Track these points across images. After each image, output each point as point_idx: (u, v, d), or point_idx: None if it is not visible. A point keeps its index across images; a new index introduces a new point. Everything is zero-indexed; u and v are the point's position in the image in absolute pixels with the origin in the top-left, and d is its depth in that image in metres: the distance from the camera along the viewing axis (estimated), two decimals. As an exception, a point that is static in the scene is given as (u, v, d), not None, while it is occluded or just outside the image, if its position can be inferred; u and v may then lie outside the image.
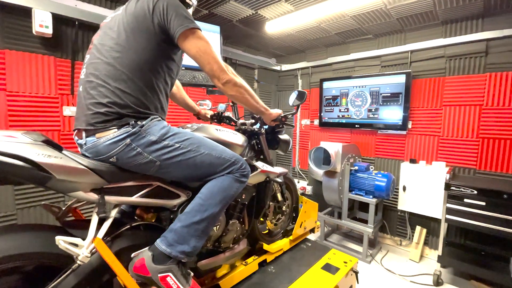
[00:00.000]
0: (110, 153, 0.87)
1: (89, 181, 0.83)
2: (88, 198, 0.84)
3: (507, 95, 2.29)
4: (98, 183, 0.86)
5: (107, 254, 0.81)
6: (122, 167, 0.91)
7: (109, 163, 0.89)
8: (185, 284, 0.92)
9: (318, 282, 1.55)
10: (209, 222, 1.01)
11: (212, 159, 1.03)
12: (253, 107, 1.18)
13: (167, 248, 0.92)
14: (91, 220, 0.86)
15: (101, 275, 0.87)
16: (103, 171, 0.87)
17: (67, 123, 2.10)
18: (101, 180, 0.86)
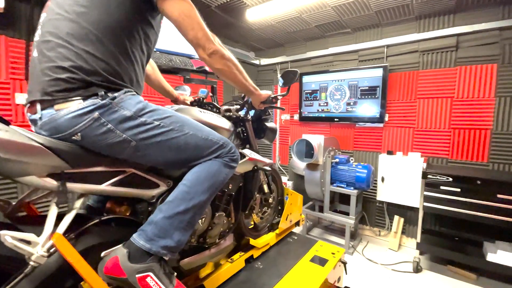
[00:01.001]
0: (73, 129, 0.71)
1: (46, 162, 0.66)
2: (44, 185, 0.68)
3: (476, 87, 2.43)
4: (58, 167, 0.69)
5: (70, 253, 0.65)
6: (89, 147, 0.76)
7: (72, 143, 0.73)
8: (168, 284, 0.79)
9: (308, 275, 1.48)
10: (196, 212, 0.88)
11: (198, 141, 0.91)
12: (241, 85, 1.07)
13: (147, 243, 0.78)
14: (49, 212, 0.69)
15: (63, 280, 0.71)
16: (65, 151, 0.70)
17: (21, 112, 1.82)
18: (61, 163, 0.70)
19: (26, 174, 0.64)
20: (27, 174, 0.64)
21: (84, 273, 0.66)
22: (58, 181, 0.70)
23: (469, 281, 2.23)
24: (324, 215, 2.87)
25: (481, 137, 2.43)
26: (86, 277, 0.66)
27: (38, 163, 0.65)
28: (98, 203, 1.06)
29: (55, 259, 0.69)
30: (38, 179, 0.66)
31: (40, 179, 0.67)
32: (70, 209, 0.74)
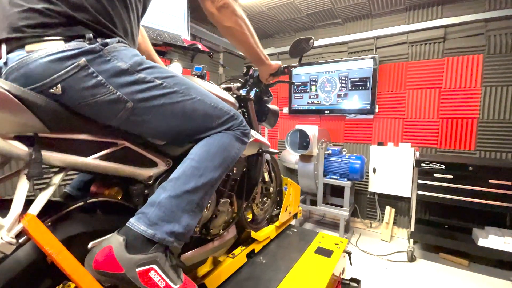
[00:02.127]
0: (50, 78, 0.54)
1: (12, 118, 0.49)
2: (9, 150, 0.50)
3: (463, 78, 2.49)
4: (30, 126, 0.52)
5: (47, 240, 0.48)
6: (71, 106, 0.58)
7: (50, 97, 0.55)
8: (176, 279, 0.64)
9: (316, 267, 1.38)
10: (206, 192, 0.73)
11: (206, 108, 0.76)
12: (251, 50, 0.94)
13: (149, 229, 0.62)
14: (17, 187, 0.51)
15: (38, 278, 0.53)
16: (39, 106, 0.53)
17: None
18: (34, 121, 0.52)
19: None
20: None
21: (68, 267, 0.50)
22: (29, 147, 0.52)
23: (462, 267, 2.26)
24: (317, 208, 2.80)
25: (468, 126, 2.49)
26: (71, 272, 0.50)
27: (1, 118, 0.47)
28: (78, 191, 0.88)
29: (27, 250, 0.51)
30: (1, 141, 0.48)
31: (4, 142, 0.48)
32: (47, 186, 0.56)
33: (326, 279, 1.27)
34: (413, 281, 2.05)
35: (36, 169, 0.52)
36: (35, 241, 0.48)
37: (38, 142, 0.53)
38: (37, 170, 0.52)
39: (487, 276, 2.14)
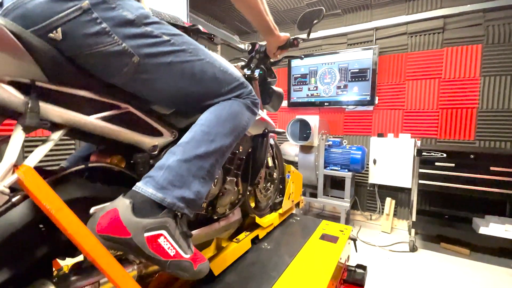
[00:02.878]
0: (50, 20, 0.49)
1: (8, 58, 0.44)
2: (3, 96, 0.44)
3: (462, 67, 2.49)
4: (27, 71, 0.47)
5: (45, 194, 0.43)
6: (73, 56, 0.53)
7: (49, 43, 0.50)
8: (186, 248, 0.59)
9: (322, 252, 1.34)
10: (217, 159, 0.69)
11: (216, 72, 0.72)
12: (261, 18, 0.90)
13: (158, 192, 0.57)
14: (11, 137, 0.46)
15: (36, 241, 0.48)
16: (39, 50, 0.48)
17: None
18: (32, 67, 0.47)
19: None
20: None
21: (69, 226, 0.44)
22: (25, 96, 0.47)
23: (463, 256, 2.26)
24: (318, 200, 2.76)
25: (467, 115, 2.49)
26: (72, 231, 0.44)
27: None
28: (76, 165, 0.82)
29: (23, 210, 0.46)
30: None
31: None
32: (45, 141, 0.51)
33: (333, 263, 1.23)
34: (415, 270, 2.04)
35: (32, 120, 0.47)
36: (31, 195, 0.43)
37: (35, 91, 0.48)
38: (34, 121, 0.47)
39: (488, 264, 2.14)
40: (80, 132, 0.60)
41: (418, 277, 1.94)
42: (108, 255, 0.47)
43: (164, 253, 0.55)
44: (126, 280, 0.48)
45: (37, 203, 0.43)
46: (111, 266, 0.47)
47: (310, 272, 1.15)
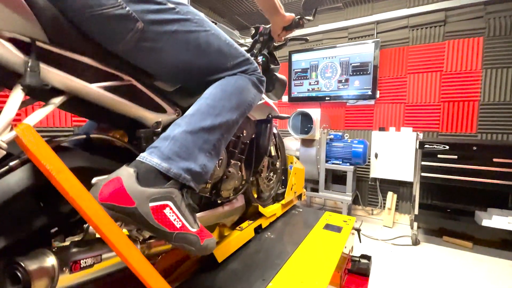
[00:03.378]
0: None
1: (8, 11, 0.41)
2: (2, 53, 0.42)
3: (463, 60, 2.48)
4: (27, 28, 0.44)
5: (45, 154, 0.40)
6: (75, 17, 0.51)
7: (51, 1, 0.47)
8: (193, 222, 0.56)
9: (327, 241, 1.32)
10: (223, 134, 0.67)
11: (221, 44, 0.70)
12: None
13: (163, 162, 0.55)
14: (9, 97, 0.43)
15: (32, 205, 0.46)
16: (40, 7, 0.45)
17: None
18: (33, 23, 0.45)
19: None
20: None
21: (71, 189, 0.42)
22: (25, 55, 0.44)
23: (466, 249, 2.24)
24: (320, 194, 2.74)
25: (469, 108, 2.48)
26: (74, 195, 0.42)
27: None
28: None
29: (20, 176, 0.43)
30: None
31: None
32: (45, 104, 0.49)
33: (338, 252, 1.21)
34: (418, 263, 2.02)
35: (32, 79, 0.44)
36: (31, 155, 0.40)
37: (35, 50, 0.45)
38: (34, 80, 0.44)
39: (491, 257, 2.13)
40: (79, 103, 0.58)
41: (421, 270, 1.92)
42: (111, 222, 0.45)
43: (170, 225, 0.52)
44: (129, 248, 0.46)
45: (36, 164, 0.40)
46: (114, 233, 0.44)
47: (315, 261, 1.12)
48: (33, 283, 0.40)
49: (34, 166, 0.45)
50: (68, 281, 0.46)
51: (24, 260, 0.41)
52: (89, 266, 0.49)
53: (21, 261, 0.40)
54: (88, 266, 0.49)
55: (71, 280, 0.47)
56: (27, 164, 0.45)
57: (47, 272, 0.43)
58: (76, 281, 0.48)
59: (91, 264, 0.50)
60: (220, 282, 0.95)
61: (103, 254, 0.54)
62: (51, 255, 0.44)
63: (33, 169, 0.45)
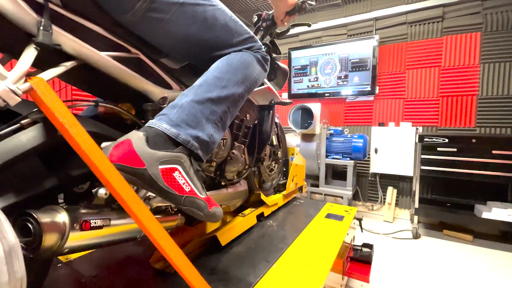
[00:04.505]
0: None
1: None
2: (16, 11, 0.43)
3: (461, 55, 2.51)
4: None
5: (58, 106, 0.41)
6: None
7: None
8: (201, 189, 0.57)
9: (329, 229, 1.32)
10: (229, 107, 0.67)
11: (227, 20, 0.71)
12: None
13: (172, 128, 0.55)
14: (23, 53, 0.44)
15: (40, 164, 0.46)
16: None
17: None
18: None
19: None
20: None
21: (83, 143, 0.42)
22: (38, 14, 0.45)
23: (466, 242, 2.25)
24: (320, 189, 2.75)
25: (468, 103, 2.51)
26: (85, 148, 0.42)
27: None
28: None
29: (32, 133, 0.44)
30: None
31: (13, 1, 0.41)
32: (57, 65, 0.49)
33: (341, 237, 1.22)
34: (419, 256, 2.02)
35: (45, 37, 0.45)
36: (44, 107, 0.41)
37: (48, 11, 0.46)
38: (47, 38, 0.45)
39: (491, 250, 2.13)
40: (88, 73, 0.58)
41: (421, 262, 1.93)
42: (122, 179, 0.45)
43: (179, 188, 0.53)
44: (139, 204, 0.46)
45: (49, 117, 0.41)
46: (125, 190, 0.45)
47: (318, 245, 1.13)
48: (45, 236, 0.41)
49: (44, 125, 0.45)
50: (78, 239, 0.46)
51: (37, 213, 0.41)
52: (98, 227, 0.50)
53: (34, 213, 0.40)
54: (98, 227, 0.49)
55: (81, 239, 0.47)
56: (37, 124, 0.46)
57: (58, 227, 0.43)
58: (85, 242, 0.48)
59: (100, 226, 0.50)
60: (224, 264, 0.96)
61: (112, 219, 0.55)
62: (63, 211, 0.45)
63: (42, 128, 0.46)
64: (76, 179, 0.55)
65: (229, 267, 0.94)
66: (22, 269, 0.27)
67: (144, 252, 1.06)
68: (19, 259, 0.27)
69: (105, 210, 0.54)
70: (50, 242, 0.42)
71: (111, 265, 0.97)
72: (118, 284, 0.84)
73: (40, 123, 0.46)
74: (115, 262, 0.99)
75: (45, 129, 0.46)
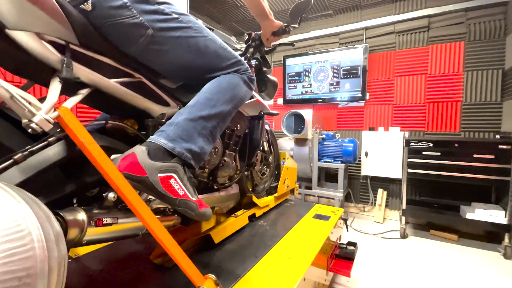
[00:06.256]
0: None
1: (49, 19, 0.53)
2: (44, 53, 0.54)
3: (446, 64, 2.64)
4: (64, 34, 0.57)
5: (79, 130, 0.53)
6: (98, 24, 0.64)
7: (81, 12, 0.61)
8: (193, 193, 0.68)
9: (314, 228, 1.44)
10: (219, 122, 0.79)
11: (217, 48, 0.83)
12: (261, 6, 1.01)
13: (169, 143, 0.67)
14: (50, 85, 0.56)
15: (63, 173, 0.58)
16: (73, 15, 0.58)
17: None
18: (68, 30, 0.58)
19: (23, 26, 0.50)
20: (24, 27, 0.50)
21: (98, 158, 0.54)
22: (62, 54, 0.57)
23: (452, 242, 2.36)
24: (313, 191, 2.86)
25: (452, 108, 2.63)
26: (100, 162, 0.54)
27: (40, 17, 0.52)
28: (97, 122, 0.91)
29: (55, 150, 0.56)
30: (37, 41, 0.53)
31: (41, 43, 0.53)
32: (76, 94, 0.61)
33: (324, 236, 1.33)
34: (406, 255, 2.13)
35: (68, 73, 0.57)
36: (69, 130, 0.52)
37: (69, 51, 0.58)
38: (69, 74, 0.57)
39: (476, 249, 2.25)
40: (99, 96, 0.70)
41: (407, 260, 2.04)
42: (128, 185, 0.57)
43: (175, 192, 0.64)
44: (142, 205, 0.58)
45: (72, 137, 0.53)
46: (131, 194, 0.56)
47: (303, 242, 1.25)
48: (69, 230, 0.52)
49: (65, 142, 0.57)
50: (93, 233, 0.58)
51: (63, 212, 0.53)
52: (108, 225, 0.61)
53: (61, 212, 0.52)
54: (108, 224, 0.61)
55: (96, 233, 0.59)
56: (61, 141, 0.58)
57: (79, 223, 0.55)
58: (99, 236, 0.60)
59: (110, 223, 0.62)
60: (217, 259, 1.07)
61: (119, 218, 0.66)
62: (82, 211, 0.56)
63: (65, 144, 0.58)
64: (89, 185, 0.66)
65: (221, 261, 1.06)
66: (65, 249, 0.39)
67: (145, 249, 1.18)
68: (63, 242, 0.39)
69: (113, 211, 0.66)
70: (73, 235, 0.53)
71: (116, 260, 1.08)
72: (122, 277, 0.96)
73: (63, 141, 0.58)
74: (119, 258, 1.10)
75: (66, 145, 0.58)
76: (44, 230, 0.37)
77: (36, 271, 0.35)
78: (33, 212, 0.38)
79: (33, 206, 0.39)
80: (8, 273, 0.32)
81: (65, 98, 0.64)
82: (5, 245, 0.33)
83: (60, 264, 0.39)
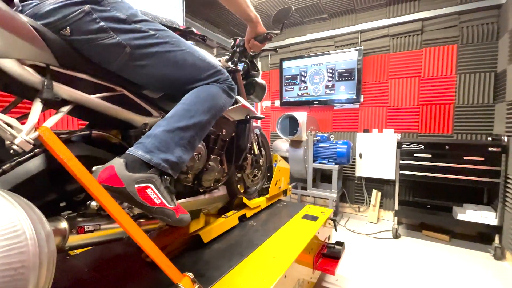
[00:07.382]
0: (62, 21, 0.64)
1: (30, 46, 0.58)
2: (26, 76, 0.59)
3: (439, 66, 2.67)
4: (44, 57, 0.62)
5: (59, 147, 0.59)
6: (78, 47, 0.69)
7: (61, 37, 0.66)
8: (170, 201, 0.74)
9: (302, 228, 1.50)
10: (197, 132, 0.85)
11: (195, 60, 0.89)
12: (241, 7, 1.03)
13: (146, 154, 0.73)
14: (32, 106, 0.62)
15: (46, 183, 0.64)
16: (52, 40, 0.63)
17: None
18: (47, 54, 0.63)
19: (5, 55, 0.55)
20: (6, 55, 0.55)
21: (78, 172, 0.60)
22: (42, 76, 0.63)
23: (443, 242, 2.40)
24: (308, 192, 2.92)
25: (445, 111, 2.66)
26: (80, 175, 0.60)
27: (21, 45, 0.57)
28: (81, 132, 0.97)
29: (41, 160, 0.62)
30: (19, 66, 0.58)
31: (22, 67, 0.59)
32: (57, 112, 0.68)
33: (310, 235, 1.39)
34: (397, 254, 2.18)
35: (48, 94, 0.63)
36: (48, 147, 0.58)
37: (49, 72, 0.63)
38: (50, 94, 0.63)
39: (467, 249, 2.28)
40: (83, 110, 0.75)
41: (398, 260, 2.08)
42: (107, 195, 0.63)
43: (151, 201, 0.70)
44: (121, 213, 0.64)
45: (53, 154, 0.59)
46: (110, 203, 0.63)
47: (289, 242, 1.31)
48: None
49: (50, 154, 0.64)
50: (75, 240, 0.64)
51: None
52: (90, 231, 0.68)
53: (46, 220, 0.59)
54: (90, 231, 0.68)
55: (78, 240, 0.65)
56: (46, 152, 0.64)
57: (61, 231, 0.61)
58: (81, 242, 0.67)
59: (92, 230, 0.68)
60: (205, 257, 1.14)
61: (101, 224, 0.73)
62: (63, 220, 0.63)
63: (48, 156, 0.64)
64: (73, 192, 0.72)
65: (208, 260, 1.12)
66: (54, 247, 0.45)
67: (138, 249, 1.24)
68: (52, 241, 0.45)
69: (96, 218, 0.72)
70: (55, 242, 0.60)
71: (111, 258, 1.15)
72: (116, 274, 1.03)
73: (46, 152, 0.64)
74: (114, 256, 1.17)
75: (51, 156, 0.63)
76: (36, 230, 0.44)
77: (29, 264, 0.42)
78: (27, 215, 0.45)
79: (27, 209, 0.46)
80: (6, 265, 0.39)
81: (50, 113, 0.70)
82: (4, 242, 0.40)
83: (50, 259, 0.46)
